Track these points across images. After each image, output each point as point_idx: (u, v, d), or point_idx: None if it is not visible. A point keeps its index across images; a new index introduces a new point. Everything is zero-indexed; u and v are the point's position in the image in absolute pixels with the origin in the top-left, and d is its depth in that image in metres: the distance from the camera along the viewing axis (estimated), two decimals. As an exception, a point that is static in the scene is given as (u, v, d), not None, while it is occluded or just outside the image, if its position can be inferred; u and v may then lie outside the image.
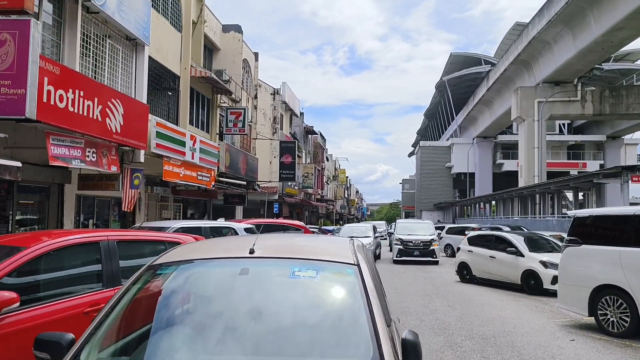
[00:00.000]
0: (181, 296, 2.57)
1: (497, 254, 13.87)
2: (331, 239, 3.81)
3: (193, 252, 2.95)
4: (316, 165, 50.89)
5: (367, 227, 23.81)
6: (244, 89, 25.52)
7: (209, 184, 19.53)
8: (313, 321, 2.39)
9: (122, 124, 12.52)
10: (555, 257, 12.21)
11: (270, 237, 3.68)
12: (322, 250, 3.04)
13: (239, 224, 9.52)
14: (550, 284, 11.97)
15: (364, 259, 2.81)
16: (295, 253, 2.85)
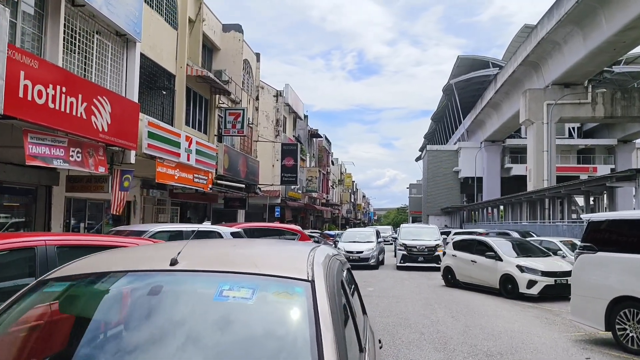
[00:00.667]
0: (62, 327, 1.91)
1: (478, 258, 14.10)
2: (288, 246, 3.03)
3: (98, 263, 2.27)
4: (321, 169, 50.24)
5: (370, 231, 23.09)
6: (244, 90, 24.95)
7: (206, 186, 18.92)
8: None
9: (109, 123, 11.93)
10: (535, 261, 12.85)
11: (206, 243, 2.99)
12: (268, 260, 2.34)
13: (226, 228, 8.87)
14: (525, 288, 12.37)
15: (324, 273, 2.12)
16: (231, 265, 2.17)
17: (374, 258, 20.80)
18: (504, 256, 13.26)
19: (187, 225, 8.10)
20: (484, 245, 14.25)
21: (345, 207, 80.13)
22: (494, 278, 13.34)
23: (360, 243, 21.49)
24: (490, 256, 13.54)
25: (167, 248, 2.45)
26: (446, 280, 15.47)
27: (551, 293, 12.09)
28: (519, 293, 12.42)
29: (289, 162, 29.74)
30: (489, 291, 13.54)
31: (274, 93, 33.40)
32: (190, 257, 2.15)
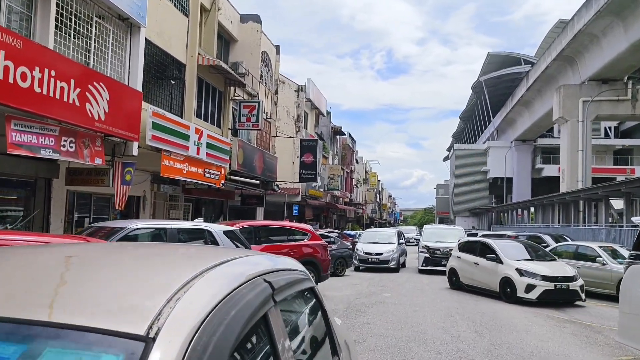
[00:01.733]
0: None
1: (480, 260, 13.77)
2: (170, 259, 1.80)
3: None
4: (344, 167, 49.12)
5: (391, 232, 21.89)
6: (262, 83, 24.04)
7: (219, 182, 18.08)
8: None
9: (107, 112, 11.13)
10: (538, 265, 12.49)
11: (40, 253, 1.87)
12: (98, 293, 1.27)
13: (219, 227, 7.91)
14: (524, 292, 12.04)
15: (198, 320, 1.08)
16: (40, 306, 1.12)
17: (395, 260, 19.62)
18: (505, 259, 12.94)
19: (173, 222, 7.16)
20: (486, 247, 13.87)
21: (370, 207, 78.79)
22: (494, 281, 13.04)
23: (380, 244, 20.35)
24: (491, 258, 13.23)
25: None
26: (450, 282, 15.12)
27: (551, 298, 11.91)
28: (517, 297, 12.12)
29: (308, 159, 28.72)
30: (490, 295, 13.19)
31: (295, 88, 32.44)
32: None
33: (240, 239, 8.19)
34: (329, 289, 13.66)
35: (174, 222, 7.24)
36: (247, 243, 8.36)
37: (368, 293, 13.21)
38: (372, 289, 14.19)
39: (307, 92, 33.01)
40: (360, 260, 19.92)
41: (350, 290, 13.65)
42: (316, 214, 41.30)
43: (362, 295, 12.80)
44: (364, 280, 16.31)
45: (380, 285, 14.98)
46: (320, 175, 35.94)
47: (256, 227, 11.49)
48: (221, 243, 7.70)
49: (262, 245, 11.40)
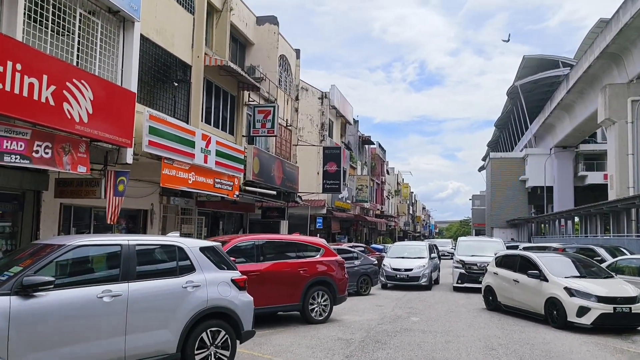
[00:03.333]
0: None
1: (521, 277, 11.93)
2: None
3: None
4: (374, 178, 47.31)
5: (422, 246, 19.95)
6: (280, 88, 22.67)
7: (232, 193, 16.67)
8: None
9: (91, 113, 9.86)
10: (592, 284, 10.63)
11: None
12: None
13: (195, 242, 6.38)
14: (575, 316, 10.19)
15: None
16: None
17: (426, 277, 17.71)
18: (550, 275, 11.10)
19: (132, 238, 5.66)
20: (527, 262, 12.03)
21: (403, 219, 76.40)
22: (537, 302, 11.19)
23: (409, 259, 18.48)
24: (534, 275, 11.38)
25: None
26: (487, 302, 13.38)
27: (609, 323, 10.02)
28: (567, 322, 10.29)
29: (331, 168, 27.09)
30: (534, 318, 11.37)
31: (319, 95, 31.00)
32: None
33: (222, 259, 6.62)
34: (348, 312, 11.95)
35: (134, 238, 5.75)
36: (231, 263, 6.79)
37: (393, 317, 11.43)
38: (398, 311, 12.39)
39: (331, 99, 31.53)
40: (387, 276, 18.09)
41: (373, 314, 11.89)
42: (345, 227, 39.55)
43: (385, 320, 11.03)
44: (390, 301, 14.50)
45: (408, 307, 13.14)
46: (348, 186, 34.26)
47: (259, 242, 9.92)
48: (196, 263, 6.15)
49: (267, 264, 9.82)
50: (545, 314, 10.87)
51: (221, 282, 6.27)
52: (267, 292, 9.52)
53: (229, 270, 6.57)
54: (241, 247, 9.73)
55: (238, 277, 6.57)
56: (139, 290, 5.44)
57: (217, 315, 6.17)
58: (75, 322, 4.93)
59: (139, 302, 5.39)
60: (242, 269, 9.34)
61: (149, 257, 5.93)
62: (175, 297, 5.75)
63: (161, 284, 5.70)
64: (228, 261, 6.69)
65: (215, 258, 6.46)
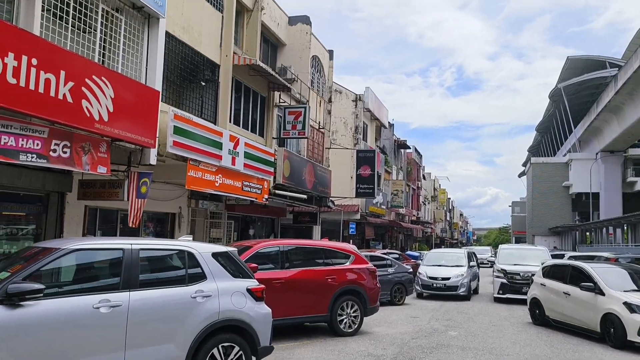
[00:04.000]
0: None
1: (572, 289, 10.84)
2: None
3: None
4: (410, 183, 46.19)
5: (460, 253, 18.92)
6: (313, 89, 22.11)
7: (261, 197, 16.15)
8: None
9: (111, 111, 9.49)
10: None
11: None
12: None
13: (207, 248, 5.77)
14: (637, 334, 9.10)
15: None
16: None
17: (464, 286, 16.71)
18: (607, 289, 9.99)
19: (135, 241, 5.12)
20: (580, 273, 10.90)
21: (440, 226, 74.66)
22: (592, 318, 10.09)
23: (446, 267, 17.51)
24: (588, 288, 10.33)
25: None
26: (533, 316, 12.32)
27: None
28: (626, 341, 9.20)
29: (365, 172, 26.29)
30: (588, 335, 10.28)
31: (353, 97, 30.32)
32: None
33: (238, 265, 6.00)
34: (380, 324, 11.17)
35: (138, 241, 5.19)
36: (248, 270, 6.16)
37: (429, 331, 10.58)
38: (434, 324, 11.52)
39: (365, 102, 30.79)
40: (423, 285, 17.17)
41: (407, 326, 11.07)
42: (380, 233, 38.61)
43: (420, 333, 10.20)
44: (425, 312, 13.61)
45: (446, 319, 12.24)
46: (382, 191, 33.38)
47: (285, 247, 9.27)
48: (207, 271, 5.55)
49: (292, 271, 9.17)
50: (601, 331, 9.79)
51: (235, 291, 5.66)
52: (292, 301, 8.89)
53: (244, 278, 5.95)
54: (265, 253, 9.12)
55: (255, 287, 5.94)
56: (142, 300, 4.88)
57: (230, 329, 5.55)
58: (67, 335, 4.40)
59: (142, 314, 4.83)
60: (265, 277, 8.76)
61: (155, 263, 5.37)
62: (183, 308, 5.17)
63: (167, 293, 5.13)
64: (244, 268, 6.07)
65: (230, 265, 5.85)
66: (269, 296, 8.51)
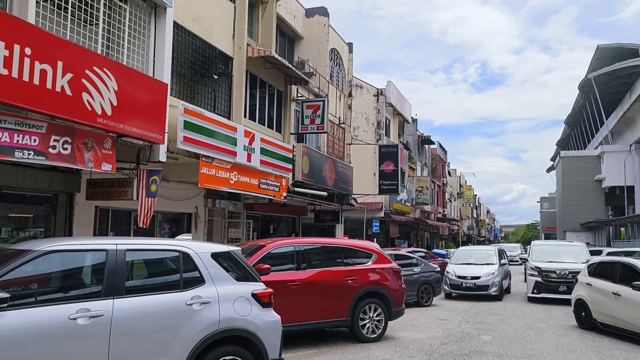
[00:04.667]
0: None
1: (623, 289, 9.68)
2: None
3: None
4: (435, 180, 45.04)
5: (490, 251, 17.93)
6: (332, 83, 21.38)
7: (279, 195, 15.51)
8: None
9: (115, 105, 8.95)
10: None
11: None
12: None
13: (206, 247, 5.10)
14: None
15: None
16: None
17: (496, 286, 15.75)
18: None
19: (122, 241, 4.48)
20: (631, 271, 9.76)
21: (467, 223, 73.05)
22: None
23: (476, 266, 16.56)
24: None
25: None
26: (578, 319, 11.21)
27: None
28: None
29: (388, 167, 25.39)
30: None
31: (374, 92, 29.47)
32: None
33: (242, 267, 5.32)
34: (406, 327, 10.38)
35: (125, 241, 4.55)
36: (254, 273, 5.47)
37: (460, 335, 9.74)
38: (465, 327, 10.67)
39: (387, 96, 29.89)
40: (451, 285, 16.26)
41: (435, 330, 10.24)
42: (405, 231, 37.64)
43: (451, 338, 9.38)
44: (455, 314, 12.75)
45: (478, 322, 11.37)
46: (406, 187, 32.42)
47: (300, 247, 8.55)
48: (206, 274, 4.88)
49: (309, 272, 8.45)
50: None
51: (239, 297, 4.97)
52: (310, 305, 8.18)
53: (250, 282, 5.27)
54: (279, 253, 8.43)
55: (261, 291, 5.24)
56: (128, 308, 4.24)
57: (233, 340, 4.86)
58: (36, 352, 3.77)
59: (128, 324, 4.19)
60: (280, 278, 8.07)
61: (144, 266, 4.73)
62: (177, 317, 4.51)
63: (159, 300, 4.48)
64: (249, 270, 5.38)
65: (232, 267, 5.18)
66: (284, 300, 7.86)
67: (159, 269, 4.87)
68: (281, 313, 7.99)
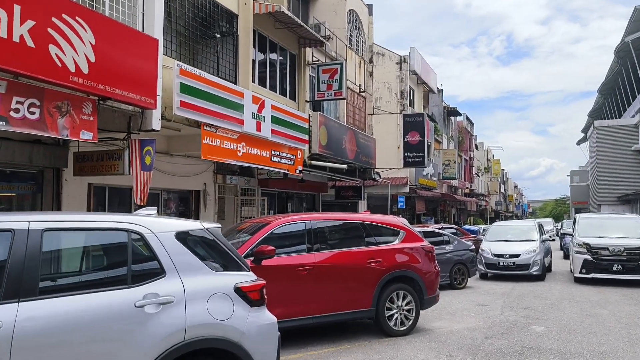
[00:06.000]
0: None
1: None
2: None
3: None
4: (462, 154, 43.01)
5: (529, 225, 16.22)
6: (351, 48, 19.69)
7: (293, 168, 14.11)
8: None
9: (93, 62, 7.58)
10: None
11: None
12: None
13: (168, 224, 3.65)
14: None
15: None
16: None
17: (538, 265, 14.12)
18: None
19: (34, 217, 3.10)
20: None
21: (494, 198, 70.71)
22: None
23: (514, 242, 14.92)
24: None
25: None
26: None
27: None
28: None
29: (413, 138, 23.61)
30: None
31: (397, 60, 27.57)
32: None
33: (222, 252, 3.89)
34: (441, 316, 8.92)
35: (46, 217, 3.18)
36: (238, 259, 4.02)
37: (506, 325, 8.24)
38: (510, 314, 9.15)
39: (411, 64, 27.97)
40: (487, 264, 14.69)
41: (476, 319, 8.75)
42: (431, 207, 35.95)
43: (495, 329, 7.89)
44: (495, 297, 11.22)
45: (523, 308, 9.82)
46: (432, 161, 30.66)
47: (312, 224, 7.08)
48: (167, 261, 3.48)
49: (324, 254, 6.99)
50: None
51: (215, 293, 3.56)
52: (325, 294, 6.76)
53: (233, 271, 3.84)
54: (286, 232, 6.99)
55: (249, 284, 3.80)
56: (41, 317, 2.89)
57: (207, 354, 3.49)
58: None
59: (40, 338, 2.84)
60: (287, 262, 6.66)
61: (74, 253, 3.36)
62: (119, 326, 3.13)
63: (91, 302, 3.10)
64: (233, 256, 3.94)
65: (209, 252, 3.77)
66: (294, 288, 6.47)
67: (95, 256, 3.50)
68: (290, 304, 6.45)
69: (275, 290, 6.04)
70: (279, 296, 6.22)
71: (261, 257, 6.14)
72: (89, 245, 3.46)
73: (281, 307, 6.19)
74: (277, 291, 6.15)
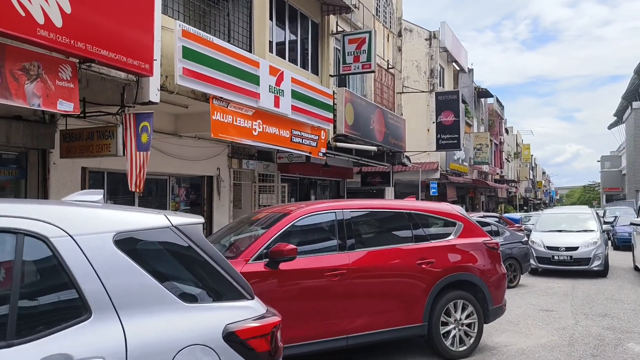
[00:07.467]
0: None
1: None
2: None
3: None
4: (492, 138, 40.81)
5: (586, 214, 14.31)
6: (379, 19, 17.88)
7: (316, 150, 12.52)
8: None
9: (68, 13, 6.05)
10: None
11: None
12: None
13: (111, 218, 2.12)
14: None
15: None
16: None
17: (599, 259, 12.27)
18: None
19: None
20: None
21: (524, 185, 68.11)
22: None
23: (570, 233, 13.08)
24: None
25: None
26: None
27: None
28: None
29: (447, 119, 21.64)
30: None
31: (426, 36, 25.58)
32: None
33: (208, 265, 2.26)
34: (502, 327, 7.22)
35: None
36: (235, 278, 2.39)
37: (589, 340, 6.52)
38: (588, 324, 7.41)
39: (441, 40, 25.96)
40: (538, 258, 12.89)
41: (547, 331, 7.04)
42: (461, 195, 34.01)
43: (579, 347, 6.18)
44: (558, 300, 9.46)
45: (600, 315, 8.06)
46: (464, 145, 28.71)
47: (344, 214, 5.42)
48: (95, 288, 1.88)
49: (359, 253, 5.33)
50: None
51: (187, 346, 1.89)
52: (362, 306, 5.15)
53: (222, 300, 2.16)
54: (311, 225, 5.34)
55: (250, 325, 2.12)
56: None
57: None
58: None
59: None
60: (313, 266, 5.05)
61: None
62: None
63: None
64: (222, 272, 2.21)
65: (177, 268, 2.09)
66: (322, 299, 4.85)
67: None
68: (318, 321, 4.89)
69: (297, 304, 4.51)
70: (303, 311, 4.67)
71: (279, 259, 4.57)
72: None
73: (306, 325, 4.65)
74: (300, 304, 4.61)
